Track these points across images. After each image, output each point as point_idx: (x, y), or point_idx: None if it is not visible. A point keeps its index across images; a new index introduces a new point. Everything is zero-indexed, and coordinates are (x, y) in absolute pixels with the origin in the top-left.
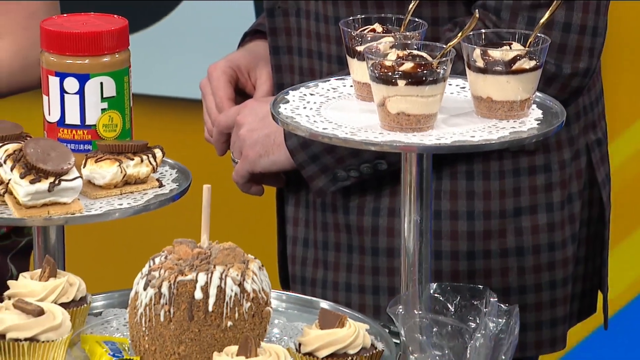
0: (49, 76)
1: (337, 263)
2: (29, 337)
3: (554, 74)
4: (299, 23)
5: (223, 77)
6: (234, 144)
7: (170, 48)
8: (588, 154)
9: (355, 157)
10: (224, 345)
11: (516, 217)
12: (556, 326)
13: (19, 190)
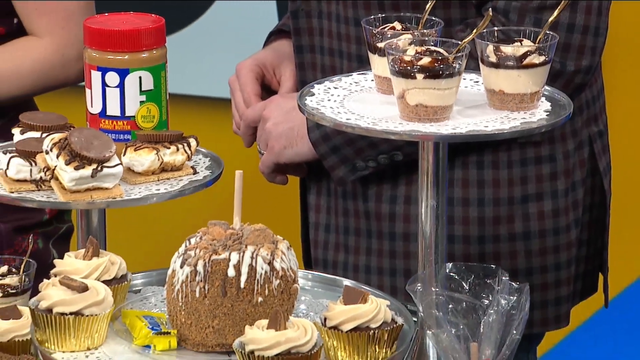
0: (91, 71)
1: (357, 247)
2: (74, 311)
3: (559, 71)
4: (321, 24)
5: (250, 75)
6: (260, 136)
7: (197, 51)
8: (590, 145)
9: (373, 148)
10: (255, 319)
11: (523, 203)
12: (560, 305)
13: (64, 176)
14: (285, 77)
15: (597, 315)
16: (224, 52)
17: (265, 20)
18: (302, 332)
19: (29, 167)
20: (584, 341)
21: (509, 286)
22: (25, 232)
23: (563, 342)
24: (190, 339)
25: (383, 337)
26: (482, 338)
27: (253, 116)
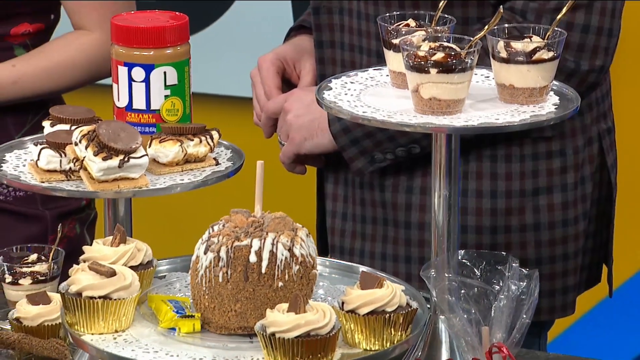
0: (118, 66)
1: (374, 235)
2: (102, 295)
3: (574, 70)
4: (341, 20)
5: (272, 68)
6: (281, 128)
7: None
8: (599, 141)
9: (392, 141)
10: (275, 303)
11: (534, 196)
12: (567, 294)
13: (93, 167)
14: (305, 71)
15: (601, 305)
16: (241, 52)
17: (280, 20)
18: (321, 315)
19: (58, 158)
20: (589, 329)
21: (519, 272)
22: (66, 218)
23: (570, 329)
24: (213, 322)
25: (398, 320)
26: (493, 322)
27: (274, 108)
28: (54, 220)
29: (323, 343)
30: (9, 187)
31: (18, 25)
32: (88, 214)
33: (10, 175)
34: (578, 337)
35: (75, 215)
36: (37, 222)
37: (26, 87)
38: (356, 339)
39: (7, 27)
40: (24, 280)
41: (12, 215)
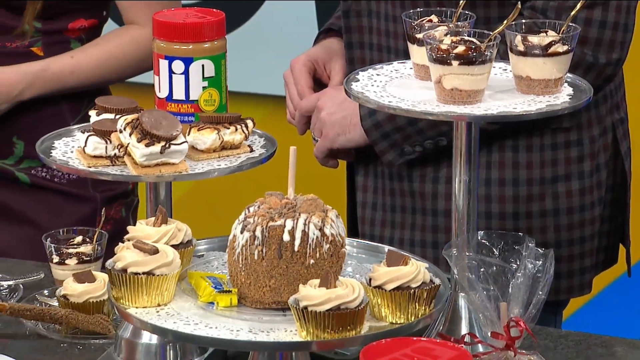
0: (159, 59)
1: (403, 223)
2: (146, 271)
3: (592, 63)
4: (370, 22)
5: (304, 69)
6: (314, 125)
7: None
8: (613, 131)
9: (420, 134)
10: (307, 279)
11: (553, 183)
12: (584, 274)
13: (136, 152)
14: (335, 72)
15: (615, 284)
16: (267, 52)
17: (304, 21)
18: (350, 290)
19: (104, 145)
20: (603, 306)
21: (535, 252)
22: (113, 202)
23: (584, 307)
24: (249, 297)
25: (422, 295)
26: (510, 298)
27: (307, 106)
28: (103, 202)
29: (352, 316)
30: None
31: (74, 20)
32: (132, 200)
33: (60, 160)
34: (592, 314)
35: (122, 199)
36: (87, 203)
37: (83, 77)
38: (383, 313)
39: (65, 22)
40: (70, 261)
41: (66, 196)
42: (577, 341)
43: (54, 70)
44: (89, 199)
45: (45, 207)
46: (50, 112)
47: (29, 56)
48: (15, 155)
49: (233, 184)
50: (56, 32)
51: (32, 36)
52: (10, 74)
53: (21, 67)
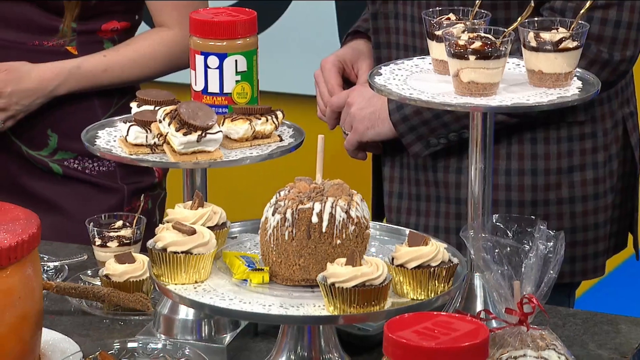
0: (195, 55)
1: (427, 210)
2: (184, 250)
3: (607, 60)
4: (397, 23)
5: (333, 69)
6: (344, 120)
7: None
8: (624, 123)
9: (445, 127)
10: (334, 258)
11: (569, 173)
12: (597, 258)
13: (174, 141)
14: (362, 71)
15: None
16: (290, 53)
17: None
18: (374, 268)
19: (145, 134)
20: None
21: (547, 234)
22: (140, 194)
23: (593, 288)
24: (280, 274)
25: (441, 273)
26: (523, 277)
27: (338, 103)
28: (130, 194)
29: (376, 292)
30: (94, 163)
31: (108, 22)
32: (159, 193)
33: (103, 148)
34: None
35: (149, 192)
36: (115, 194)
37: (114, 75)
38: (404, 290)
39: (99, 23)
40: (111, 243)
41: (96, 187)
42: (584, 319)
43: (87, 68)
44: (117, 190)
45: (75, 196)
46: (82, 107)
47: (64, 54)
48: (50, 147)
49: (263, 171)
50: (90, 33)
51: (68, 36)
52: (46, 70)
53: (56, 65)
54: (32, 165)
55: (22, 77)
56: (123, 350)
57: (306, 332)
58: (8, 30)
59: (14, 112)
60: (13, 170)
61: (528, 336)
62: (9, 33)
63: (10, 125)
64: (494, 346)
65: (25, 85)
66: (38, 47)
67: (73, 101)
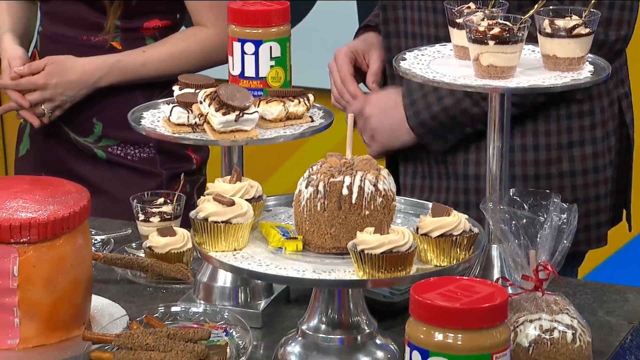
0: (233, 42)
1: (439, 187)
2: (224, 220)
3: (604, 40)
4: (405, 13)
5: (345, 59)
6: (363, 130)
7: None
8: (619, 102)
9: (460, 128)
10: (363, 227)
11: (569, 148)
12: (600, 228)
13: (214, 120)
14: (373, 60)
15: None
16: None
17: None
18: (401, 236)
19: (186, 114)
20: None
21: (561, 206)
22: (177, 178)
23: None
24: (312, 243)
25: (463, 242)
26: (538, 247)
27: (356, 107)
28: (168, 178)
29: (403, 258)
30: (135, 150)
31: (150, 20)
32: (198, 178)
33: (148, 127)
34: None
35: (187, 177)
36: (155, 179)
37: (152, 69)
38: (428, 257)
39: (142, 21)
40: (153, 219)
41: (137, 172)
42: (594, 289)
43: (127, 62)
44: (156, 175)
45: (118, 180)
46: (125, 98)
47: (109, 49)
48: (95, 134)
49: (296, 149)
50: (133, 30)
51: (112, 32)
52: (89, 64)
53: (98, 58)
54: (79, 151)
55: (67, 69)
56: (167, 314)
57: (336, 296)
58: (59, 25)
59: (60, 102)
60: (62, 154)
61: (543, 301)
62: (60, 28)
63: (58, 115)
64: (511, 310)
65: (69, 77)
66: (85, 42)
67: (117, 93)
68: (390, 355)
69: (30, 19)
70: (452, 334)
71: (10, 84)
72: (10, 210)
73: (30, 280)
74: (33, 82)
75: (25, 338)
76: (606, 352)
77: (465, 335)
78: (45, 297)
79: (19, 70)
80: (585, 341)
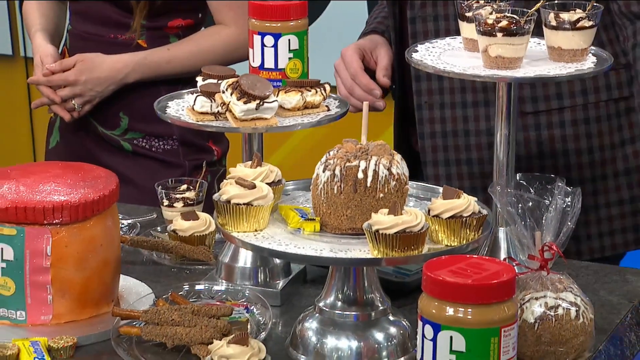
0: (253, 35)
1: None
2: (245, 202)
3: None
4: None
5: (355, 55)
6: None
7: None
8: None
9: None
10: (377, 209)
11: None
12: None
13: (236, 109)
14: (381, 57)
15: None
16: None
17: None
18: (414, 217)
19: (209, 103)
20: None
21: (565, 190)
22: (200, 169)
23: None
24: (329, 224)
25: (472, 223)
26: (544, 228)
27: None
28: (191, 169)
29: (415, 238)
30: (159, 142)
31: (174, 20)
32: (218, 169)
33: (173, 116)
34: None
35: (208, 168)
36: (178, 169)
37: (177, 66)
38: (439, 237)
39: (166, 20)
40: (177, 204)
41: (160, 162)
42: (595, 270)
43: (153, 59)
44: (179, 166)
45: (143, 170)
46: (150, 93)
47: (136, 47)
48: (121, 128)
49: (314, 135)
50: (158, 29)
51: (138, 31)
52: (117, 61)
53: (125, 56)
54: (106, 143)
55: (96, 66)
56: (191, 292)
57: (352, 275)
58: (89, 24)
59: (89, 98)
60: (91, 146)
61: (548, 280)
62: (89, 27)
63: (88, 110)
64: (517, 289)
65: (98, 74)
66: (113, 40)
67: (142, 89)
68: (402, 331)
69: (60, 18)
70: (463, 308)
71: (43, 80)
72: (43, 193)
73: (63, 259)
74: (64, 78)
75: (57, 314)
76: (607, 329)
77: (475, 310)
78: (76, 275)
79: (51, 67)
80: (588, 318)
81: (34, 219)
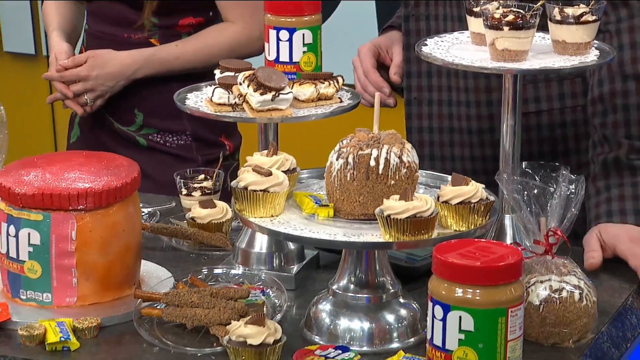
0: (269, 30)
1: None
2: (262, 189)
3: None
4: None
5: (368, 53)
6: None
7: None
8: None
9: None
10: (389, 196)
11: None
12: None
13: (252, 100)
14: (396, 54)
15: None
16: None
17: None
18: (424, 202)
19: (227, 95)
20: None
21: (569, 177)
22: (213, 163)
23: None
24: (342, 210)
25: (480, 209)
26: (549, 214)
27: None
28: (204, 164)
29: (425, 223)
30: (173, 137)
31: (184, 18)
32: (231, 163)
33: (192, 107)
34: None
35: (222, 162)
36: (191, 164)
37: (185, 62)
38: (448, 222)
39: (177, 19)
40: (195, 193)
41: (174, 157)
42: None
43: (161, 55)
44: (192, 160)
45: (158, 165)
46: (163, 90)
47: (148, 46)
48: (136, 124)
49: (327, 126)
50: (169, 27)
51: (150, 29)
52: (126, 57)
53: (135, 52)
54: (121, 138)
55: (106, 62)
56: (209, 275)
57: (364, 258)
58: (103, 24)
59: (101, 93)
60: (108, 141)
61: (552, 264)
62: (104, 26)
63: (100, 104)
64: (523, 272)
65: (108, 69)
66: (127, 39)
67: (155, 86)
68: (412, 313)
69: (78, 18)
70: (472, 289)
71: (56, 76)
72: (68, 180)
73: (87, 243)
74: (76, 73)
75: (82, 296)
76: (610, 312)
77: (484, 291)
78: (100, 259)
79: (64, 63)
80: (591, 300)
81: (59, 205)
